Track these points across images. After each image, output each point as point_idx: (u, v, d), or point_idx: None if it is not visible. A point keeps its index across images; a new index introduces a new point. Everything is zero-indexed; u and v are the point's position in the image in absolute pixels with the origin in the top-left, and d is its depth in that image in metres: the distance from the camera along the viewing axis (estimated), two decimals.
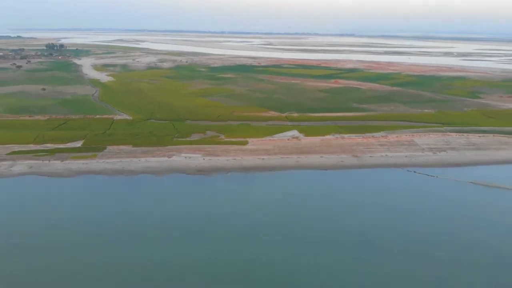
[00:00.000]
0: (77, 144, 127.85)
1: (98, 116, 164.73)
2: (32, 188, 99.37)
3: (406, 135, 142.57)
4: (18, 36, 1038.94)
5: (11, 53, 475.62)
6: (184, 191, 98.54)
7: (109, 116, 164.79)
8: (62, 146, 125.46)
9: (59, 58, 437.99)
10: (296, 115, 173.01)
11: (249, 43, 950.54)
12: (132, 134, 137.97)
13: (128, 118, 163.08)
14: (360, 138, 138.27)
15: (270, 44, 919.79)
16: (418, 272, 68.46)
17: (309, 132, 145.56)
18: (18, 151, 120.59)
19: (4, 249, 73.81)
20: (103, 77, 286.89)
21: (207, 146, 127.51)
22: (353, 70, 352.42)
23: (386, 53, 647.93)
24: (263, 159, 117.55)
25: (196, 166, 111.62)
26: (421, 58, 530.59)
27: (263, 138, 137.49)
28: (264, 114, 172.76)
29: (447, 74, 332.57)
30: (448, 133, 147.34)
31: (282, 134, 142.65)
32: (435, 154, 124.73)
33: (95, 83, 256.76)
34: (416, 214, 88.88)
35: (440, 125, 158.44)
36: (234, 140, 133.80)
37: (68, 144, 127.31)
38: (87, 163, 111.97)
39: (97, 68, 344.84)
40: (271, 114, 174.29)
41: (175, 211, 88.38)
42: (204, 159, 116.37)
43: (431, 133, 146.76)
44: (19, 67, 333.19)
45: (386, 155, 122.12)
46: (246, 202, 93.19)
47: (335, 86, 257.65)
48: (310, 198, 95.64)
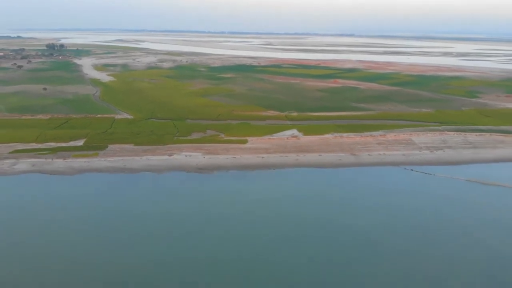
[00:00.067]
0: (79, 143, 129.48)
1: (99, 116, 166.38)
2: (35, 186, 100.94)
3: (404, 134, 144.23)
4: (18, 36, 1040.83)
5: (11, 53, 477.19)
6: (185, 188, 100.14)
7: (110, 116, 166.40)
8: (64, 144, 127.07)
9: (59, 58, 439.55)
10: (295, 114, 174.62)
11: (248, 43, 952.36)
12: (133, 133, 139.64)
13: (129, 117, 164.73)
14: (358, 137, 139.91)
15: (269, 44, 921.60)
16: (415, 269, 69.73)
17: (308, 131, 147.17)
18: (20, 150, 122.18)
19: (8, 245, 75.23)
20: (104, 77, 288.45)
21: (207, 144, 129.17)
22: (352, 70, 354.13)
23: (385, 53, 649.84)
24: (263, 157, 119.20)
25: (197, 164, 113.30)
26: (420, 58, 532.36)
27: (262, 137, 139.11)
28: (263, 114, 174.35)
29: (445, 74, 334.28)
30: (445, 132, 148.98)
31: (281, 133, 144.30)
32: (432, 152, 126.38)
33: (96, 82, 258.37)
34: (413, 211, 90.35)
35: (437, 124, 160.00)
36: (234, 139, 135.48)
37: (70, 142, 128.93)
38: (89, 162, 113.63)
39: (97, 68, 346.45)
40: (271, 113, 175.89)
41: (175, 208, 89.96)
42: (204, 157, 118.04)
43: (429, 132, 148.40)
44: (20, 67, 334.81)
45: (384, 154, 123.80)
46: (246, 199, 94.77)
47: (334, 85, 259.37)
48: (309, 195, 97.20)
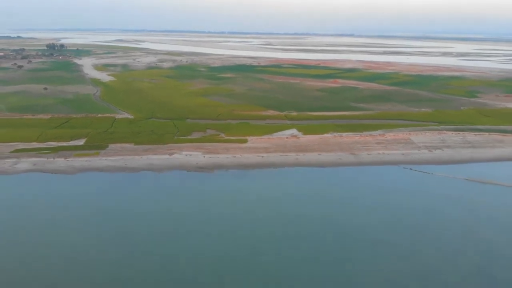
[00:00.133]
0: (79, 142, 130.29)
1: (100, 115, 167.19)
2: (36, 185, 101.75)
3: (403, 134, 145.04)
4: (18, 36, 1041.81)
5: (12, 53, 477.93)
6: (185, 187, 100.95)
7: (110, 115, 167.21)
8: (65, 144, 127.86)
9: (59, 58, 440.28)
10: (295, 114, 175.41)
11: (248, 43, 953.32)
12: (134, 133, 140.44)
13: (130, 117, 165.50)
14: (357, 137, 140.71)
15: (269, 44, 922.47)
16: (413, 266, 70.48)
17: (307, 130, 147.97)
18: (22, 149, 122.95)
19: (10, 244, 75.91)
20: (104, 76, 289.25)
21: (207, 144, 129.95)
22: (351, 70, 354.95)
23: (385, 53, 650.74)
24: (262, 156, 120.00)
25: (197, 163, 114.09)
26: (419, 58, 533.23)
27: (262, 136, 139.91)
28: (263, 113, 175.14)
29: (445, 74, 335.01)
30: (444, 131, 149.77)
31: (281, 133, 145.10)
32: (431, 151, 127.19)
33: (96, 82, 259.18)
34: (411, 209, 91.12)
35: (436, 123, 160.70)
36: (233, 138, 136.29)
37: (71, 142, 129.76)
38: (90, 161, 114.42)
39: (98, 68, 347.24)
40: (270, 113, 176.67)
41: (176, 207, 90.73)
42: (204, 156, 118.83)
43: (428, 131, 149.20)
44: (20, 67, 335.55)
45: (383, 153, 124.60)
46: (246, 198, 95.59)
47: (333, 85, 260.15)
48: (308, 194, 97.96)
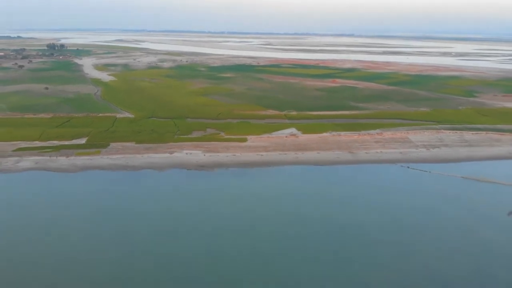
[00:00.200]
0: (81, 141, 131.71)
1: (101, 114, 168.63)
2: (39, 183, 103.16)
3: (401, 133, 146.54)
4: (18, 36, 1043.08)
5: (12, 53, 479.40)
6: (186, 185, 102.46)
7: (111, 114, 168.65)
8: (66, 143, 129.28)
9: (60, 58, 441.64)
10: (294, 113, 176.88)
11: (248, 43, 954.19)
12: (135, 132, 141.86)
13: (130, 116, 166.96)
14: (356, 136, 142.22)
15: (269, 44, 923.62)
16: (410, 263, 71.62)
17: (306, 129, 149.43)
18: (24, 148, 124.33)
19: (13, 241, 76.92)
20: (105, 76, 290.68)
21: (207, 143, 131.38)
22: (351, 70, 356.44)
23: (384, 53, 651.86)
24: (262, 155, 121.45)
25: (197, 162, 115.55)
26: (418, 58, 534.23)
27: (261, 135, 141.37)
28: (263, 113, 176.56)
29: (443, 73, 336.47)
30: (442, 130, 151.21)
31: (280, 132, 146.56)
32: (429, 150, 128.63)
33: (97, 82, 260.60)
34: (409, 207, 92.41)
35: (434, 123, 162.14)
36: (233, 137, 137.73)
37: (73, 141, 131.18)
38: (91, 159, 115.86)
39: (98, 67, 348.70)
40: (270, 112, 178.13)
41: (177, 204, 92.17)
42: (204, 155, 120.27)
43: (426, 130, 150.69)
44: (21, 66, 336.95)
45: (381, 152, 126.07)
46: (245, 196, 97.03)
47: (333, 85, 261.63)
48: (307, 192, 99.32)
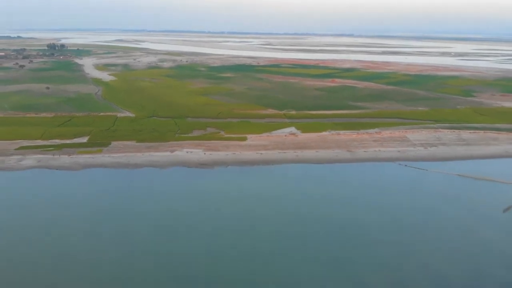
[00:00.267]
0: (83, 139, 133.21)
1: (102, 114, 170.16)
2: (42, 180, 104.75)
3: (399, 132, 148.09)
4: (19, 36, 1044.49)
5: (13, 53, 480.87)
6: (186, 183, 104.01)
7: (112, 114, 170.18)
8: (68, 141, 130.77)
9: (60, 58, 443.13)
10: (293, 112, 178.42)
11: (248, 43, 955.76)
12: (136, 131, 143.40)
13: (131, 115, 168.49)
14: (354, 134, 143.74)
15: (269, 44, 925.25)
16: (406, 259, 72.93)
17: (306, 128, 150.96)
18: (26, 146, 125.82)
19: (16, 238, 78.03)
20: (105, 76, 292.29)
21: (207, 141, 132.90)
22: (350, 70, 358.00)
23: (384, 53, 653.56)
24: (262, 154, 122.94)
25: (198, 160, 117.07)
26: (418, 58, 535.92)
27: (261, 134, 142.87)
28: (262, 112, 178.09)
29: (442, 73, 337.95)
30: (440, 129, 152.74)
31: (280, 131, 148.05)
32: (427, 149, 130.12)
33: (98, 82, 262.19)
34: (406, 204, 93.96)
35: (432, 122, 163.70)
36: (233, 136, 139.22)
37: (75, 139, 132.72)
38: (93, 157, 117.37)
39: (98, 67, 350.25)
40: (270, 111, 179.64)
41: (178, 201, 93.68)
42: (205, 153, 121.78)
43: (424, 129, 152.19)
44: (22, 66, 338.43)
45: (379, 150, 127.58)
46: (245, 193, 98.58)
47: (332, 85, 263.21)
48: (306, 190, 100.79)
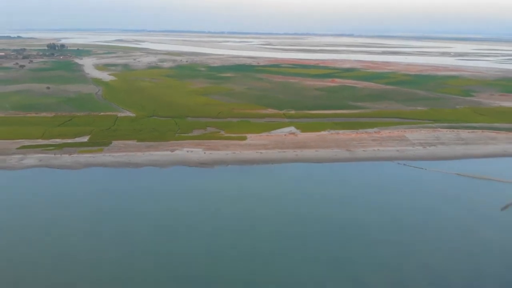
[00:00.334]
0: (83, 139, 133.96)
1: (102, 113, 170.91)
2: (43, 179, 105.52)
3: (398, 131, 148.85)
4: (18, 36, 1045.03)
5: (13, 53, 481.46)
6: (187, 182, 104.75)
7: (113, 113, 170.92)
8: (69, 141, 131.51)
9: (60, 58, 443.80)
10: (293, 112, 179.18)
11: (248, 43, 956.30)
12: (136, 130, 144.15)
13: (132, 115, 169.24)
14: (353, 134, 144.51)
15: (269, 44, 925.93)
16: (403, 256, 73.72)
17: (305, 128, 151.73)
18: (27, 146, 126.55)
19: (19, 236, 78.76)
20: (105, 76, 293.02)
21: (207, 141, 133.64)
22: (350, 70, 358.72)
23: (384, 53, 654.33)
24: (261, 153, 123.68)
25: (198, 159, 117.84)
26: (418, 58, 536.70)
27: (261, 134, 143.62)
28: (262, 112, 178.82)
29: (442, 73, 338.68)
30: (439, 129, 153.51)
31: (279, 130, 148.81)
32: (425, 148, 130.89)
33: (98, 82, 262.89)
34: (404, 202, 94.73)
35: (431, 121, 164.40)
36: (233, 135, 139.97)
37: (75, 139, 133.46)
38: (94, 157, 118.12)
39: (99, 67, 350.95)
40: (269, 111, 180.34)
41: (178, 200, 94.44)
42: (205, 153, 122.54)
43: (423, 129, 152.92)
44: (22, 66, 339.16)
45: (378, 149, 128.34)
46: (245, 191, 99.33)
47: (332, 85, 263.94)
48: (305, 188, 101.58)
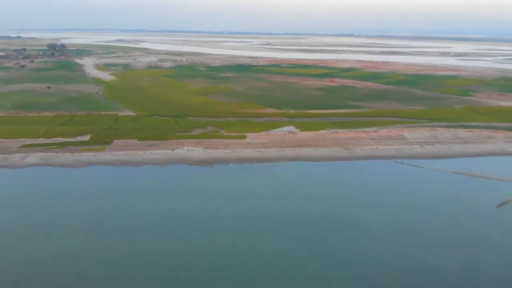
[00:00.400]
0: (85, 138, 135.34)
1: (103, 113, 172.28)
2: (45, 177, 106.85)
3: (396, 130, 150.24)
4: (19, 36, 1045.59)
5: (13, 53, 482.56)
6: (187, 180, 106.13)
7: (114, 113, 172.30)
8: (71, 140, 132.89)
9: (61, 58, 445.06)
10: (292, 111, 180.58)
11: (248, 43, 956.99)
12: (137, 129, 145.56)
13: (132, 114, 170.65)
14: (352, 133, 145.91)
15: (269, 44, 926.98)
16: (400, 253, 74.53)
17: (304, 127, 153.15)
18: (29, 144, 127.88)
19: (20, 234, 79.75)
20: (106, 76, 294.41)
21: (207, 140, 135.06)
22: (349, 70, 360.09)
23: (384, 53, 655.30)
24: (261, 151, 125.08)
25: (198, 158, 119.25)
26: (417, 58, 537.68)
27: (260, 133, 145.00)
28: (262, 111, 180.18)
29: (441, 73, 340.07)
30: (436, 128, 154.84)
31: (279, 129, 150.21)
32: (423, 147, 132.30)
33: (98, 81, 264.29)
34: (401, 200, 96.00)
35: (429, 121, 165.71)
36: (233, 134, 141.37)
37: (77, 138, 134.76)
38: (95, 155, 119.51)
39: (99, 67, 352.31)
40: (269, 111, 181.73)
41: (178, 198, 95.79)
42: (205, 151, 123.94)
43: (421, 128, 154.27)
44: (22, 66, 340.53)
45: (376, 148, 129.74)
46: (244, 190, 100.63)
47: (331, 84, 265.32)
48: (304, 186, 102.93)
